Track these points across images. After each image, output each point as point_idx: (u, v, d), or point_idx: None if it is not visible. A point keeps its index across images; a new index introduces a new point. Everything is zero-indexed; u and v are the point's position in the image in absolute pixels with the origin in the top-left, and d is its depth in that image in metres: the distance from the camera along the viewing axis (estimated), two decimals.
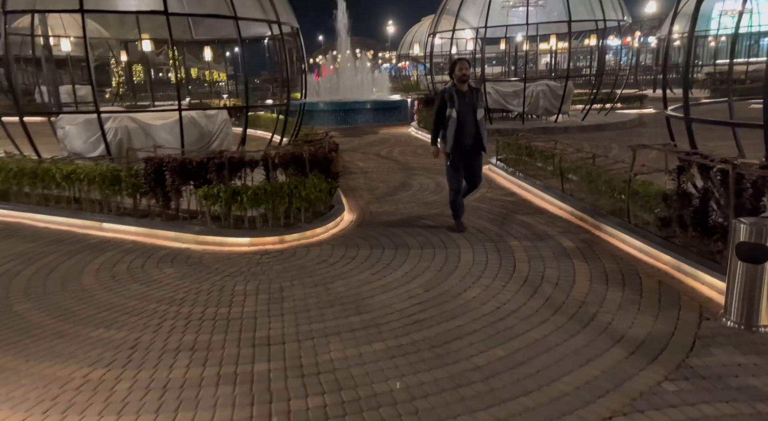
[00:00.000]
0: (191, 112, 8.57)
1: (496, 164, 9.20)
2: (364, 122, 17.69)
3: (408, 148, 12.49)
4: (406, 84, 35.66)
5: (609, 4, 13.57)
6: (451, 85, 5.72)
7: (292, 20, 9.10)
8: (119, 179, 6.13)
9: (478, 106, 5.73)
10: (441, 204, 7.36)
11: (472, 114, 5.67)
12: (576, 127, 13.67)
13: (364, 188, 8.55)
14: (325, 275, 4.92)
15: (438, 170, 9.73)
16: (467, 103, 5.63)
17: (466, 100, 5.63)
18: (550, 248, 5.47)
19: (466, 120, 5.63)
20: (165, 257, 5.43)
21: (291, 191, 5.89)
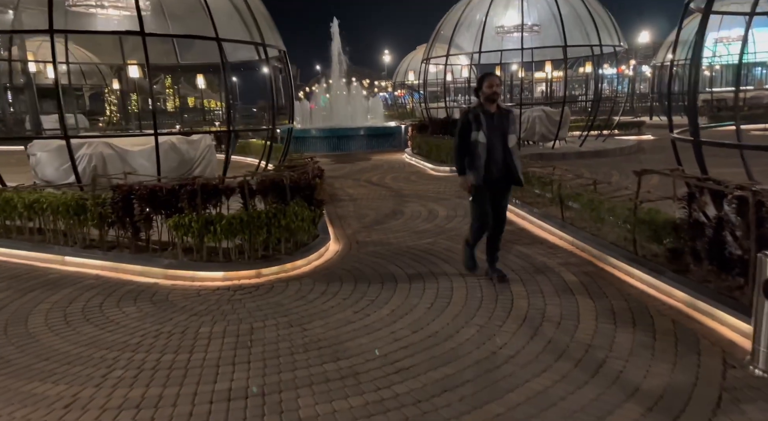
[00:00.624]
0: (171, 137, 8.20)
1: None
2: (357, 149, 17.37)
3: (401, 175, 12.11)
4: (401, 111, 35.65)
5: (605, 30, 13.43)
6: (477, 105, 4.79)
7: (279, 43, 8.81)
8: (85, 209, 5.68)
9: (510, 131, 4.75)
10: (433, 233, 6.92)
11: (501, 140, 4.71)
12: (574, 154, 13.35)
13: (352, 216, 8.11)
14: (303, 313, 4.44)
15: (431, 197, 9.32)
16: (496, 126, 4.69)
17: (494, 123, 4.69)
18: (551, 281, 5.01)
19: (494, 146, 4.68)
20: (128, 294, 4.94)
21: (269, 220, 5.45)
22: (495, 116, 4.73)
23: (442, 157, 12.30)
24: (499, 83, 4.85)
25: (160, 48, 10.62)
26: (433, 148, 12.79)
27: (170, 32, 8.75)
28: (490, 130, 4.67)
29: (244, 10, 7.99)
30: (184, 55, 11.40)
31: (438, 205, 8.63)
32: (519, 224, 7.24)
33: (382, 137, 17.97)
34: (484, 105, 4.75)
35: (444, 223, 7.49)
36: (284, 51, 9.01)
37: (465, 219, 7.62)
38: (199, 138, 8.85)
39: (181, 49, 10.79)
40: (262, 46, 8.02)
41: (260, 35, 7.93)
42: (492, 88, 4.69)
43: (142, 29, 6.85)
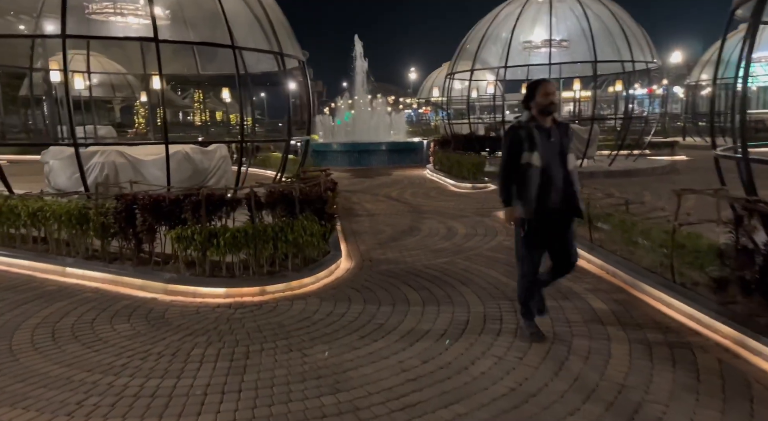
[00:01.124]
0: (186, 147, 8.02)
1: None
2: (378, 164, 17.10)
3: (420, 190, 11.76)
4: (425, 129, 35.42)
5: (637, 46, 12.95)
6: (529, 119, 3.77)
7: (298, 53, 8.62)
8: (87, 218, 5.47)
9: (568, 150, 3.81)
10: (451, 252, 6.53)
11: (560, 162, 3.72)
12: (602, 172, 12.81)
13: (367, 232, 7.77)
14: (305, 337, 4.09)
15: (451, 214, 8.93)
16: (553, 145, 3.71)
17: (551, 141, 3.71)
18: (578, 309, 4.57)
19: (552, 170, 3.69)
20: (124, 310, 4.67)
21: (276, 234, 5.14)
22: (552, 132, 3.75)
23: (464, 173, 11.92)
24: (555, 91, 3.83)
25: (182, 58, 10.56)
26: (455, 163, 12.43)
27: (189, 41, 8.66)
28: (546, 150, 3.69)
29: (264, 19, 7.83)
30: (207, 66, 11.31)
31: (457, 223, 8.24)
32: None
33: (404, 152, 17.68)
34: (537, 119, 3.75)
35: (463, 241, 7.10)
36: (303, 61, 8.82)
37: (485, 238, 7.22)
38: (213, 148, 8.66)
39: (203, 60, 10.71)
40: (279, 56, 7.82)
41: (278, 45, 7.74)
42: (548, 98, 3.70)
43: (155, 35, 6.70)
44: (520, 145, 3.73)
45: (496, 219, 8.47)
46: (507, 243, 6.93)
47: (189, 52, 10.38)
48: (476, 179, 11.71)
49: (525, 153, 3.71)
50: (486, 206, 9.64)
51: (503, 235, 7.39)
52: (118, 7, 7.71)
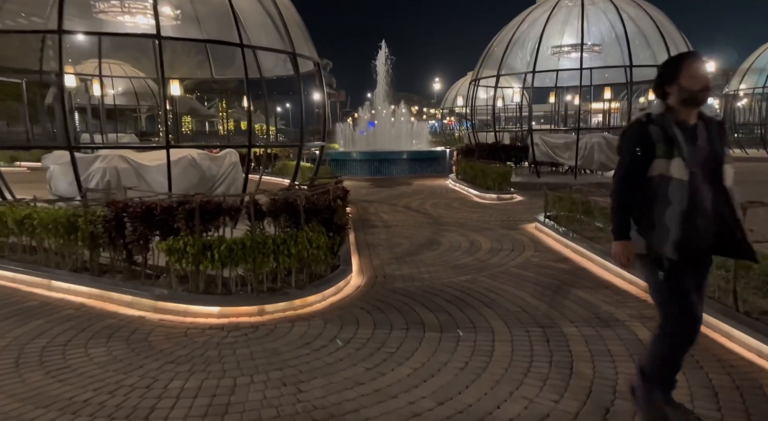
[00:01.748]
0: (192, 152, 7.60)
1: (544, 222, 7.70)
2: (398, 173, 16.57)
3: (442, 201, 11.15)
4: (449, 139, 34.84)
5: (675, 50, 12.15)
6: (664, 112, 2.59)
7: (313, 54, 8.17)
8: (76, 227, 5.03)
9: (724, 159, 2.59)
10: (473, 269, 5.91)
11: (710, 175, 2.55)
12: None
13: (383, 245, 7.20)
14: (302, 367, 3.53)
15: (474, 227, 8.30)
16: (700, 150, 2.54)
17: (698, 144, 2.55)
18: (622, 339, 3.91)
19: (700, 187, 2.52)
20: (105, 330, 4.18)
21: (277, 247, 4.61)
22: (698, 131, 2.57)
23: (489, 183, 11.28)
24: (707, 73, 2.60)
25: (195, 61, 10.24)
26: (479, 173, 11.80)
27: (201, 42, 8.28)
28: (696, 156, 2.51)
29: (277, 18, 7.39)
30: (224, 70, 10.94)
31: (481, 236, 7.62)
32: (577, 262, 6.12)
33: (426, 162, 17.12)
34: (677, 111, 2.58)
35: (487, 257, 6.47)
36: (319, 63, 8.37)
37: (511, 253, 6.58)
38: (223, 154, 8.23)
39: (219, 64, 10.37)
40: (292, 56, 7.37)
41: (291, 45, 7.29)
42: (699, 81, 2.51)
43: (158, 32, 6.31)
44: (651, 148, 2.54)
45: (523, 232, 7.82)
46: (535, 260, 6.29)
47: (203, 54, 10.04)
48: (502, 190, 11.05)
49: (658, 160, 2.53)
50: (512, 218, 8.99)
51: (531, 250, 6.74)
52: (126, 6, 7.37)
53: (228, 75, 11.20)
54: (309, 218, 5.05)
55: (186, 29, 8.66)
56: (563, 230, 7.01)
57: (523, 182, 12.44)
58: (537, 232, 7.78)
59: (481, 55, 15.25)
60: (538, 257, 6.43)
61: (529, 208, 9.94)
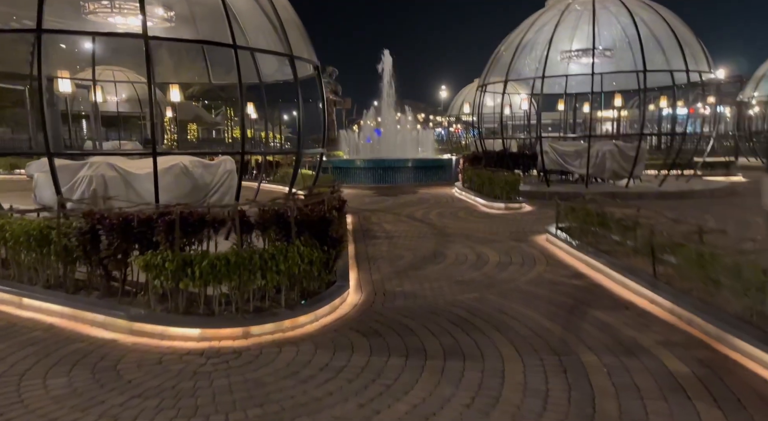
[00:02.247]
0: (184, 159, 7.22)
1: (556, 234, 7.25)
2: (403, 181, 16.16)
3: (447, 211, 10.70)
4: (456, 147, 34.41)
5: (691, 56, 11.68)
6: None
7: (312, 57, 7.80)
8: (48, 240, 4.64)
9: None
10: (480, 285, 5.46)
11: None
12: (652, 194, 11.52)
13: (384, 257, 6.77)
14: (286, 403, 3.10)
15: (481, 238, 7.84)
16: None
17: None
18: (649, 371, 3.46)
19: None
20: (71, 356, 3.77)
21: (265, 263, 4.20)
22: None
23: (497, 192, 10.84)
24: None
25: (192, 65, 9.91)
26: (486, 181, 11.36)
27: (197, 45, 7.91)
28: None
29: (274, 18, 7.02)
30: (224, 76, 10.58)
31: (488, 249, 7.17)
32: (593, 279, 5.67)
33: (431, 170, 16.70)
34: None
35: (495, 272, 6.03)
36: (318, 66, 8.00)
37: (522, 268, 6.13)
38: (217, 162, 7.85)
39: (217, 68, 10.04)
40: (289, 58, 7.00)
41: (289, 47, 6.93)
42: None
43: (144, 32, 5.95)
44: None
45: (533, 245, 7.36)
46: (548, 275, 5.83)
47: (202, 58, 9.70)
48: (510, 199, 10.60)
49: None
50: (521, 229, 8.53)
51: (543, 264, 6.29)
52: (116, 6, 7.04)
53: (228, 80, 10.86)
54: (301, 231, 4.64)
55: (181, 31, 8.32)
56: (577, 244, 6.56)
57: (531, 191, 11.99)
58: (548, 244, 7.33)
59: (488, 61, 14.86)
60: (551, 272, 5.98)
61: (538, 218, 9.48)
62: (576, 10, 13.39)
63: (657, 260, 4.99)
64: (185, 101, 40.01)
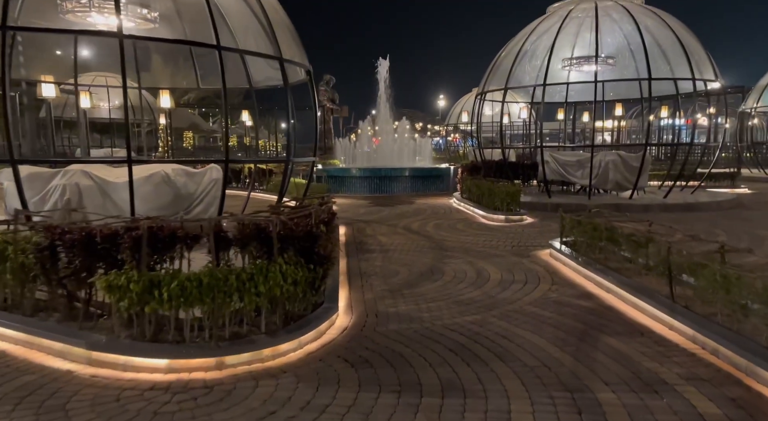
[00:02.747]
0: (166, 167, 6.79)
1: (560, 249, 6.84)
2: (400, 191, 15.75)
3: (445, 222, 10.28)
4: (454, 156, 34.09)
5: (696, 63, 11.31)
6: None
7: (303, 60, 7.41)
8: (5, 257, 4.19)
9: None
10: (481, 306, 5.03)
11: None
12: (657, 206, 11.11)
13: (378, 274, 6.34)
14: None
15: (480, 252, 7.40)
16: None
17: None
18: (676, 412, 3.02)
19: None
20: (16, 393, 3.31)
21: (243, 284, 3.76)
22: None
23: (497, 203, 10.43)
24: None
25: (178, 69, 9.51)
26: (485, 192, 10.95)
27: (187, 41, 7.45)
28: None
29: (263, 18, 6.62)
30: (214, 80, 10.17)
31: (488, 264, 6.75)
32: (603, 300, 5.24)
33: (429, 179, 16.29)
34: None
35: (497, 291, 5.59)
36: (310, 71, 7.61)
37: (525, 287, 5.70)
38: (202, 170, 7.42)
39: (207, 73, 9.63)
40: (279, 61, 6.60)
41: (278, 49, 6.53)
42: None
43: (119, 31, 5.55)
44: None
45: (537, 260, 6.94)
46: (554, 295, 5.40)
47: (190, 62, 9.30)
48: (510, 210, 10.19)
49: None
50: (523, 243, 8.11)
51: (548, 282, 5.86)
52: (95, 5, 6.64)
53: (218, 85, 10.38)
54: (285, 247, 4.21)
55: (167, 33, 7.93)
56: (583, 260, 6.13)
57: (532, 202, 11.59)
58: (552, 260, 6.90)
59: (486, 69, 14.50)
60: (557, 291, 5.55)
61: (540, 231, 9.07)
62: (577, 18, 13.07)
63: (675, 281, 4.57)
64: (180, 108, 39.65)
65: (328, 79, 33.89)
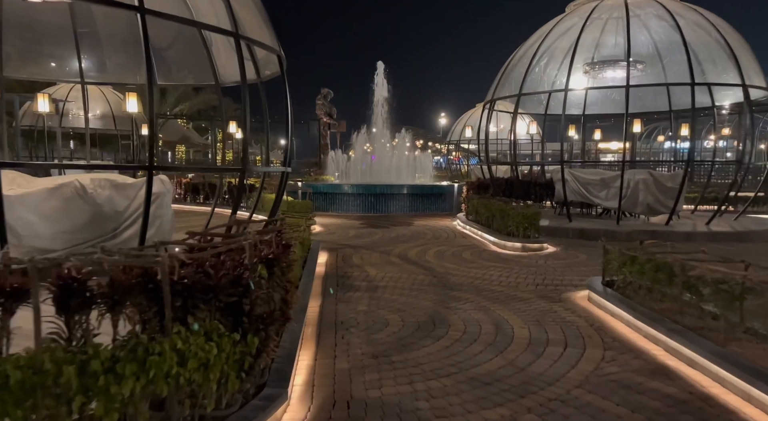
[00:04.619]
0: (84, 177, 5.11)
1: (604, 292, 5.14)
2: (397, 211, 14.10)
3: (449, 249, 8.58)
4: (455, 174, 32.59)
5: (747, 66, 9.70)
6: None
7: (273, 45, 5.81)
8: None
9: None
10: (509, 389, 3.31)
11: None
12: (701, 235, 9.39)
13: (360, 325, 4.63)
14: None
15: (496, 293, 5.67)
16: None
17: None
18: None
19: None
20: None
21: (96, 380, 2.07)
22: None
23: (510, 227, 8.76)
24: None
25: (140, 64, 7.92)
26: (496, 214, 9.29)
27: None
28: None
29: None
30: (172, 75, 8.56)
31: (509, 312, 5.05)
32: (691, 381, 3.51)
33: (429, 198, 14.65)
34: None
35: (527, 359, 3.88)
36: (282, 57, 6.03)
37: (568, 352, 3.96)
38: (138, 181, 5.76)
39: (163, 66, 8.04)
40: (235, 40, 4.99)
41: (233, 23, 4.93)
42: None
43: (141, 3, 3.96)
44: None
45: (573, 307, 5.24)
46: (614, 369, 3.69)
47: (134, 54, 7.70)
48: (527, 237, 8.51)
49: None
50: (550, 281, 6.42)
51: (598, 346, 4.15)
52: None
53: (176, 80, 8.69)
54: (192, 305, 2.53)
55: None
56: (644, 311, 4.43)
57: (551, 227, 9.90)
58: (595, 308, 5.21)
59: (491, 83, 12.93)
60: (616, 362, 3.83)
61: (567, 264, 7.38)
62: (599, 19, 11.53)
63: None
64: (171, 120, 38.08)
65: (326, 92, 32.55)
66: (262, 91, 7.09)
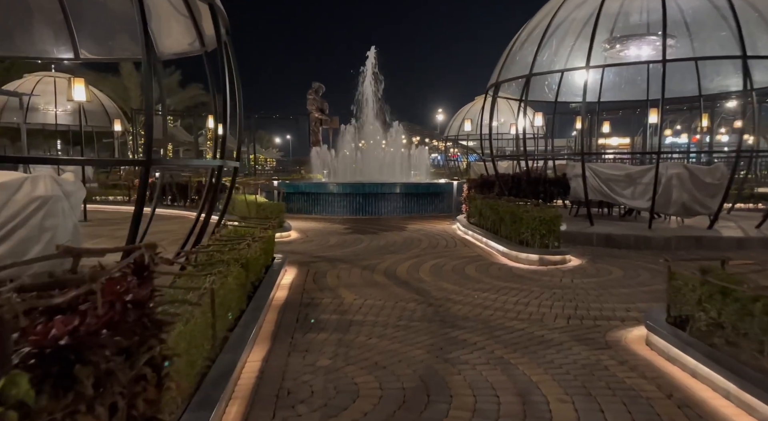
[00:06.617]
0: None
1: (676, 338, 3.53)
2: (388, 212, 12.50)
3: (448, 263, 6.95)
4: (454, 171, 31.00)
5: None
6: None
7: None
8: None
9: None
10: None
11: None
12: (756, 241, 7.71)
13: (314, 398, 3.00)
14: None
15: (514, 331, 4.01)
16: None
17: None
18: None
19: None
20: None
21: None
22: None
23: (524, 234, 7.14)
24: None
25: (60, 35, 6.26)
26: (505, 217, 7.67)
27: None
28: None
29: None
30: (98, 47, 6.83)
31: (539, 371, 3.43)
32: None
33: (425, 198, 13.04)
34: None
35: None
36: (225, 23, 4.42)
37: None
38: (15, 180, 4.15)
39: (85, 37, 6.39)
40: None
41: None
42: None
43: None
44: None
45: (629, 358, 3.61)
46: None
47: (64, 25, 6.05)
48: (546, 246, 6.89)
49: None
50: (584, 309, 4.80)
51: None
52: None
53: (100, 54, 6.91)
54: None
55: None
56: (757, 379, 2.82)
57: (570, 232, 8.28)
58: (661, 360, 3.58)
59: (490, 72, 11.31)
60: None
61: (600, 283, 5.76)
62: None
63: None
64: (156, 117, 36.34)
65: (318, 87, 30.97)
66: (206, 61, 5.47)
